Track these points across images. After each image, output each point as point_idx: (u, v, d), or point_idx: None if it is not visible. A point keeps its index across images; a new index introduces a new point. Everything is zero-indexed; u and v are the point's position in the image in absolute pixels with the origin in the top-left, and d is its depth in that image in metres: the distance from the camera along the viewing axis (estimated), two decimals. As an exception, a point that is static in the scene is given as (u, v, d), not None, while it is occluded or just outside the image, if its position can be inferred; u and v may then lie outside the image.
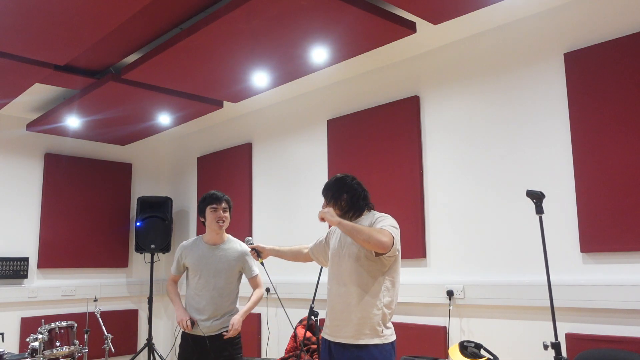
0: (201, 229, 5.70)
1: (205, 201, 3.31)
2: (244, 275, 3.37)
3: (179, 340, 3.32)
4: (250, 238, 3.07)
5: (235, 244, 3.35)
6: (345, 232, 2.36)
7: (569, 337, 2.95)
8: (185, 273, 3.38)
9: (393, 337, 2.46)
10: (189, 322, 3.15)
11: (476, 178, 3.51)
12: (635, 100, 2.86)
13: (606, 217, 2.89)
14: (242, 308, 3.28)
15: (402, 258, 3.78)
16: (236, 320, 3.18)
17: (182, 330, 3.25)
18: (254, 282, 3.37)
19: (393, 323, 2.52)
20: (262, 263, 3.04)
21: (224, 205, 3.29)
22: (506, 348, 3.24)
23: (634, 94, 2.87)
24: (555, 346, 1.81)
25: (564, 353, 2.90)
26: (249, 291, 3.42)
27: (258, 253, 3.00)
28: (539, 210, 1.89)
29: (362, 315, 2.41)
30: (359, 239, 2.29)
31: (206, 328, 3.18)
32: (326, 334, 2.57)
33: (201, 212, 3.32)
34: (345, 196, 2.59)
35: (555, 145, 3.17)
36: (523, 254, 3.23)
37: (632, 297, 2.77)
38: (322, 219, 2.42)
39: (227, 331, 3.18)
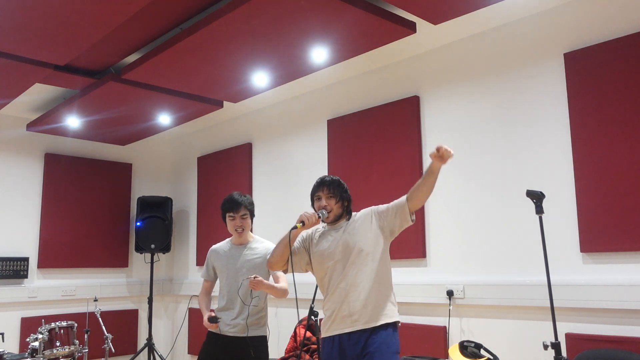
0: (201, 229, 5.71)
1: (224, 207, 3.24)
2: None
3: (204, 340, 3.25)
4: (323, 211, 2.62)
5: (263, 244, 3.30)
6: (434, 180, 2.40)
7: (569, 337, 2.95)
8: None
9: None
10: (209, 319, 3.03)
11: (476, 178, 3.51)
12: (635, 100, 2.86)
13: (606, 217, 2.89)
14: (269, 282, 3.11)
15: (402, 258, 3.80)
16: (262, 280, 2.98)
17: (210, 330, 3.17)
18: (277, 277, 3.24)
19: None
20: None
21: (242, 213, 3.19)
22: (506, 348, 3.24)
23: (634, 94, 2.87)
24: (555, 346, 1.81)
25: (563, 353, 2.90)
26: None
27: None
28: (539, 210, 1.89)
29: (377, 301, 2.50)
30: (431, 186, 2.41)
31: (233, 328, 3.10)
32: (333, 329, 2.55)
33: (223, 217, 3.26)
34: (347, 201, 2.70)
35: (555, 145, 3.17)
36: (523, 254, 3.23)
37: (632, 297, 2.77)
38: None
39: (258, 333, 3.15)
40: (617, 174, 2.88)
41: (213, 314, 3.09)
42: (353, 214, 2.71)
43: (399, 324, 2.55)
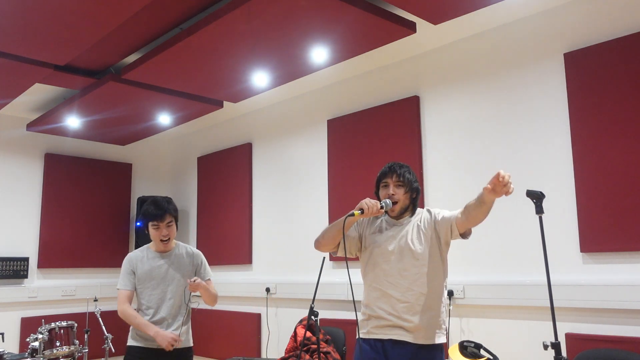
0: (201, 229, 5.71)
1: (146, 217, 2.94)
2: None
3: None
4: (387, 201, 2.38)
5: (186, 249, 3.11)
6: (487, 210, 2.12)
7: (569, 337, 2.95)
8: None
9: None
10: (176, 338, 2.84)
11: (476, 178, 3.51)
12: (635, 101, 2.86)
13: (606, 217, 2.89)
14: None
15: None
16: (200, 280, 2.88)
17: (137, 345, 2.92)
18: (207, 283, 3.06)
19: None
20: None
21: (167, 220, 2.93)
22: (506, 348, 3.24)
23: (634, 94, 2.87)
24: (555, 346, 1.81)
25: (563, 353, 2.90)
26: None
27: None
28: (539, 210, 1.88)
29: (431, 314, 2.31)
30: (482, 216, 2.15)
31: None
32: (375, 333, 2.36)
33: (145, 226, 2.98)
34: (416, 193, 2.45)
35: (555, 145, 3.17)
36: (523, 254, 3.23)
37: (632, 297, 2.77)
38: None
39: (187, 342, 2.99)
40: (617, 174, 2.88)
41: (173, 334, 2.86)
42: (419, 210, 2.47)
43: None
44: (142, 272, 2.98)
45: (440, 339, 2.33)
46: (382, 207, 2.29)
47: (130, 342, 2.98)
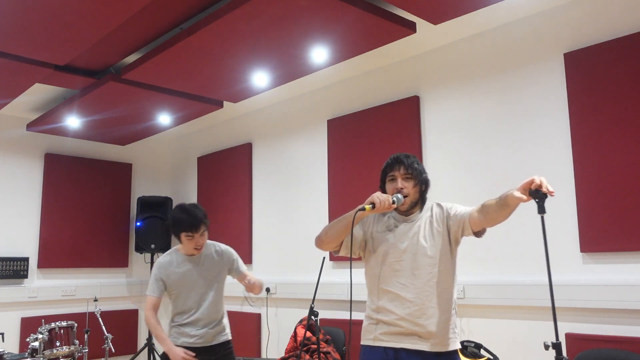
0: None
1: (179, 227, 2.92)
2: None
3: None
4: (399, 196, 2.21)
5: (215, 247, 3.13)
6: (509, 213, 1.99)
7: (569, 337, 2.95)
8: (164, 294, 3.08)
9: None
10: (189, 355, 2.86)
11: (476, 178, 3.51)
12: (635, 101, 2.86)
13: (606, 217, 2.89)
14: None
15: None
16: (251, 277, 2.98)
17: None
18: (245, 276, 3.12)
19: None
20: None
21: (202, 230, 2.93)
22: (506, 348, 3.24)
23: (634, 94, 2.87)
24: (557, 346, 1.80)
25: (564, 353, 2.89)
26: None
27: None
28: (541, 210, 1.87)
29: (445, 318, 2.15)
30: (503, 219, 2.02)
31: (200, 339, 3.03)
32: (385, 340, 2.19)
33: (175, 234, 2.96)
34: (426, 185, 2.29)
35: (555, 145, 3.17)
36: (523, 254, 3.23)
37: (632, 297, 2.77)
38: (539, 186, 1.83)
39: (225, 337, 3.10)
40: (617, 174, 2.88)
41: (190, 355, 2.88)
42: (429, 203, 2.29)
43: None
44: (174, 279, 3.02)
45: (454, 345, 2.17)
46: (393, 202, 2.14)
47: (172, 340, 3.05)
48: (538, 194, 1.85)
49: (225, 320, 3.20)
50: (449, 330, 2.15)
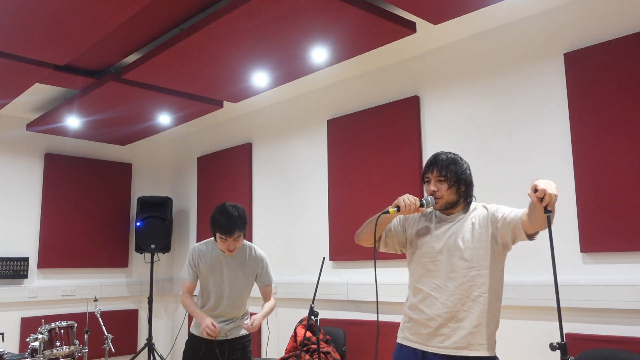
0: (201, 229, 5.71)
1: (214, 227, 2.96)
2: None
3: (183, 341, 3.22)
4: (429, 198, 2.20)
5: (250, 250, 3.18)
6: (540, 215, 1.88)
7: (569, 337, 2.95)
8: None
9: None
10: (214, 326, 2.90)
11: (476, 178, 3.50)
12: (635, 101, 2.86)
13: (606, 217, 2.89)
14: (262, 310, 3.15)
15: (399, 258, 3.80)
16: (258, 318, 3.01)
17: (194, 334, 3.14)
18: (265, 291, 3.21)
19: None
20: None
21: (235, 235, 2.93)
22: (507, 348, 3.24)
23: (634, 94, 2.87)
24: (562, 347, 1.81)
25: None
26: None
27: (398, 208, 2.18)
28: (547, 211, 1.87)
29: (477, 324, 2.10)
30: (540, 222, 1.93)
31: (222, 331, 3.09)
32: (413, 341, 2.20)
33: (212, 231, 3.02)
34: (469, 180, 2.23)
35: (555, 145, 3.17)
36: (523, 254, 3.23)
37: (632, 297, 2.77)
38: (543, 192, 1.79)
39: (244, 331, 3.17)
40: (617, 174, 2.88)
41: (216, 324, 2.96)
42: (474, 204, 2.23)
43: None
44: (204, 269, 3.08)
45: (483, 352, 2.09)
46: (422, 205, 2.12)
47: (193, 330, 3.18)
48: (542, 200, 1.83)
49: (246, 317, 3.23)
50: (479, 337, 2.09)
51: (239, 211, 2.95)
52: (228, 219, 2.90)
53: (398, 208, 2.11)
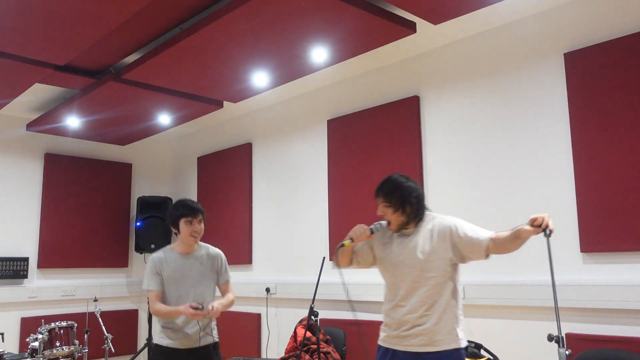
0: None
1: (178, 211, 3.02)
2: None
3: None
4: (379, 224, 2.40)
5: (207, 249, 3.15)
6: (521, 244, 2.18)
7: (569, 337, 2.95)
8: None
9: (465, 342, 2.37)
10: (196, 307, 2.83)
11: (476, 178, 3.51)
12: (635, 101, 2.86)
13: (606, 217, 2.89)
14: (224, 299, 3.05)
15: (402, 258, 3.80)
16: (218, 304, 2.92)
17: (161, 344, 2.99)
18: (225, 288, 3.16)
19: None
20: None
21: (199, 217, 3.02)
22: (507, 348, 3.24)
23: (634, 94, 2.87)
24: (560, 339, 1.86)
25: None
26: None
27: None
28: (548, 235, 2.02)
29: (439, 321, 2.29)
30: (515, 249, 2.22)
31: (188, 340, 2.98)
32: (388, 342, 2.39)
33: (174, 222, 3.04)
34: (414, 200, 2.35)
35: (555, 145, 3.17)
36: (523, 254, 3.23)
37: (632, 297, 2.77)
38: None
39: (211, 339, 3.03)
40: (617, 174, 2.88)
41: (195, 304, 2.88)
42: (431, 216, 2.39)
43: (465, 349, 2.34)
44: (167, 274, 3.03)
45: (449, 345, 2.28)
46: (372, 232, 2.36)
47: (158, 340, 3.04)
48: (545, 231, 2.07)
49: (213, 324, 3.11)
50: (439, 334, 2.28)
51: (197, 203, 3.12)
52: (191, 202, 3.06)
53: (352, 239, 2.35)
